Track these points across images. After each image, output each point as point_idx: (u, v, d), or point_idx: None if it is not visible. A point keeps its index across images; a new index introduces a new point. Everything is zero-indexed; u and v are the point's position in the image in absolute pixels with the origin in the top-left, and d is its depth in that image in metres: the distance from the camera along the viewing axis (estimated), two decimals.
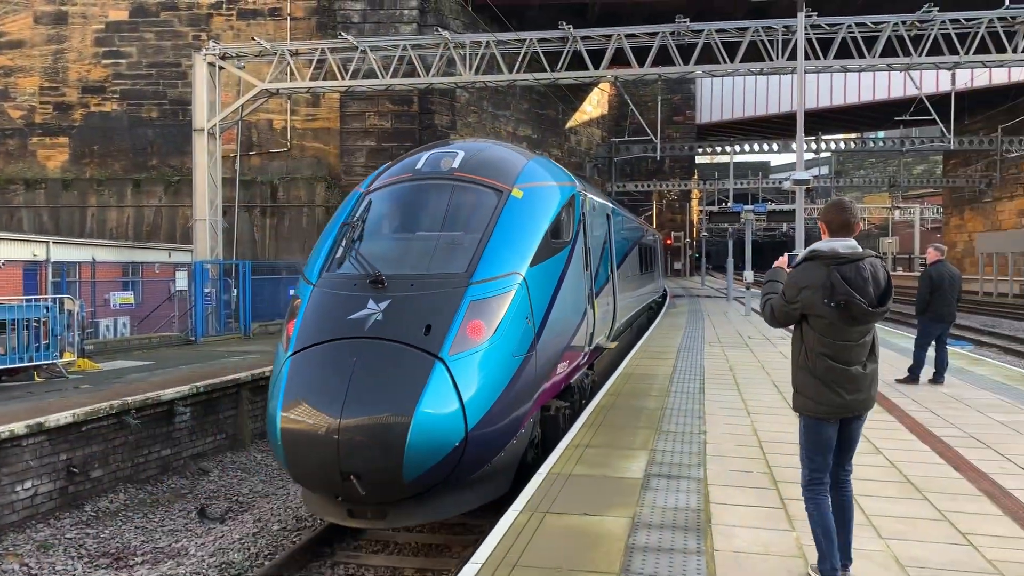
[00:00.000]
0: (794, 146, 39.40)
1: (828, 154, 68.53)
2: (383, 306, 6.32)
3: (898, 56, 20.94)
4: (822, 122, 55.74)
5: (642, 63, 21.75)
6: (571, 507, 5.67)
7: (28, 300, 11.90)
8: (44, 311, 11.86)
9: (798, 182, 18.92)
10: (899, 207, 71.74)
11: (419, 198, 7.41)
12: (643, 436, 7.78)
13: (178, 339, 16.92)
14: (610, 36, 21.24)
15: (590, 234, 9.62)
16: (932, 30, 20.61)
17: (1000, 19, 20.53)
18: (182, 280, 17.55)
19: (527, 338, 6.84)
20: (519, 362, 6.65)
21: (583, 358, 9.12)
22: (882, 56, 21.07)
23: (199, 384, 11.31)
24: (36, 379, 11.76)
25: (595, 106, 47.82)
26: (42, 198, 29.72)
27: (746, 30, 21.05)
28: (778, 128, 58.26)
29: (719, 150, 53.11)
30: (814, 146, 46.45)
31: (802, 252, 4.52)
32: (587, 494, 5.96)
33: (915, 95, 38.78)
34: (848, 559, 4.50)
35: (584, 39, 21.32)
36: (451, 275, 6.62)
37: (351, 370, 5.85)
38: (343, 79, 22.20)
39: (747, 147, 50.52)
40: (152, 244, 25.56)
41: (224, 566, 7.65)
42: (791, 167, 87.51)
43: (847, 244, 4.40)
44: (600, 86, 47.25)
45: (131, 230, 29.22)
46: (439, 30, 22.26)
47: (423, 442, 5.77)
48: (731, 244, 36.79)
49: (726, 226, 53.86)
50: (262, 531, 8.56)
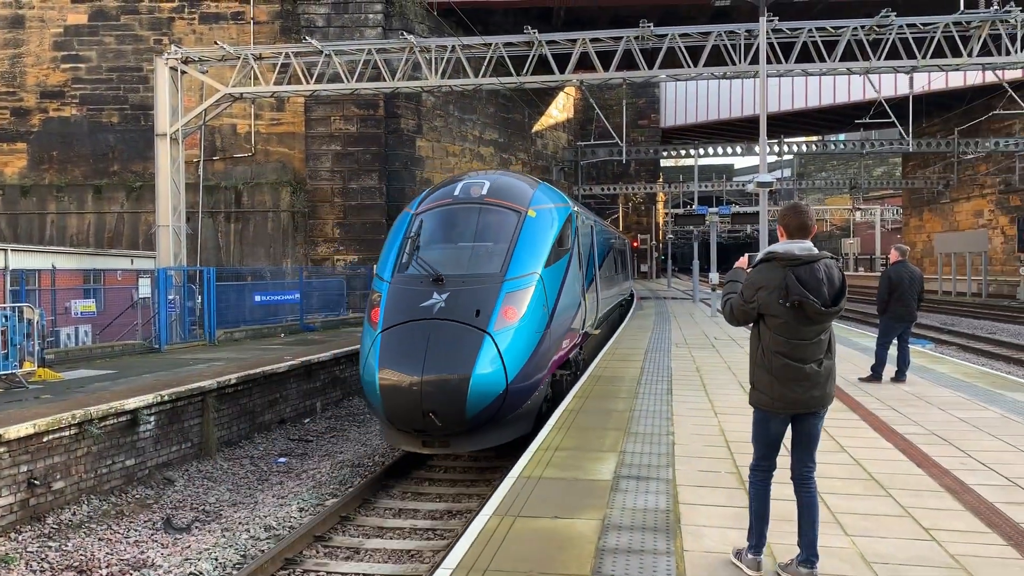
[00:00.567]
0: (757, 149, 39.92)
1: (790, 157, 69.40)
2: (444, 297, 9.50)
3: (857, 60, 21.29)
4: (784, 125, 56.49)
5: (607, 67, 21.91)
6: (542, 510, 5.68)
7: None
8: (3, 320, 11.61)
9: (761, 184, 19.15)
10: (860, 208, 72.88)
11: (459, 218, 10.76)
12: (612, 438, 7.82)
13: (141, 347, 16.67)
14: (575, 40, 21.33)
15: (581, 243, 12.85)
16: (890, 34, 20.98)
17: (955, 24, 20.96)
18: (145, 287, 17.30)
19: (544, 320, 10.06)
20: (539, 337, 9.87)
21: (578, 338, 12.42)
22: (842, 60, 21.41)
23: (163, 393, 11.15)
24: None
25: (561, 110, 47.98)
26: (0, 205, 29.12)
27: (709, 34, 21.26)
28: (742, 131, 58.91)
29: (684, 153, 53.56)
30: (777, 149, 47.04)
31: (760, 254, 4.64)
32: (557, 497, 5.98)
33: (874, 98, 39.50)
34: (815, 555, 4.55)
35: (549, 43, 21.39)
36: (490, 274, 9.90)
37: (427, 341, 9.01)
38: (308, 83, 22.05)
39: (711, 150, 51.02)
40: (114, 251, 25.10)
41: None
42: (754, 170, 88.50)
43: (803, 246, 4.50)
44: (566, 90, 47.40)
45: (92, 237, 28.73)
46: (404, 34, 22.20)
47: (479, 390, 8.87)
48: (696, 246, 37.09)
49: (691, 228, 54.39)
50: (230, 541, 8.46)
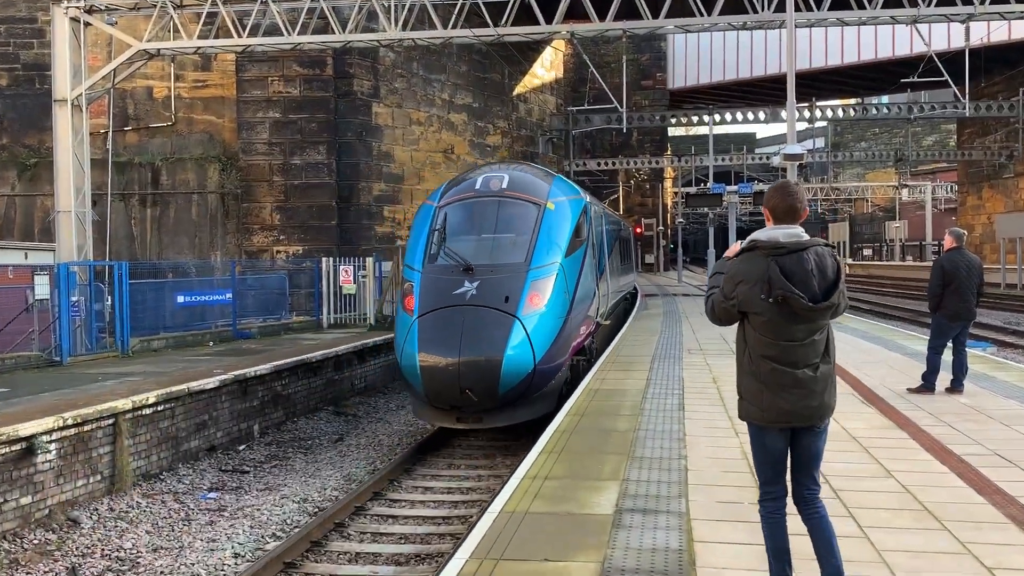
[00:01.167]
0: (784, 114, 40.03)
1: (824, 124, 69.93)
2: (475, 285, 12.51)
3: (903, 7, 21.39)
4: (816, 86, 56.81)
5: (603, 16, 21.83)
6: (529, 552, 5.69)
7: None
8: None
9: (789, 157, 19.26)
10: (907, 185, 73.49)
11: (482, 210, 13.88)
12: (613, 464, 7.85)
13: (39, 359, 16.54)
14: None
15: (594, 233, 16.04)
16: None
17: None
18: (43, 287, 17.16)
19: (566, 306, 13.09)
20: (562, 322, 12.83)
21: (592, 326, 15.48)
22: (885, 7, 21.51)
23: (67, 415, 11.07)
24: None
25: (548, 69, 48.03)
26: None
27: None
28: (765, 94, 59.24)
29: (696, 120, 53.76)
30: (807, 114, 47.34)
31: (743, 243, 4.76)
32: (548, 535, 5.99)
33: (924, 53, 39.66)
34: None
35: None
36: (516, 263, 12.98)
37: (461, 325, 12.02)
38: (240, 37, 21.90)
39: (729, 116, 51.26)
40: (3, 243, 24.85)
41: None
42: (780, 139, 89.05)
43: (789, 232, 4.64)
44: (554, 45, 47.45)
45: None
46: None
47: (510, 369, 11.87)
48: (712, 232, 37.29)
49: (706, 210, 54.52)
50: None
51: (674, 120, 53.64)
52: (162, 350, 19.17)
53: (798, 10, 21.17)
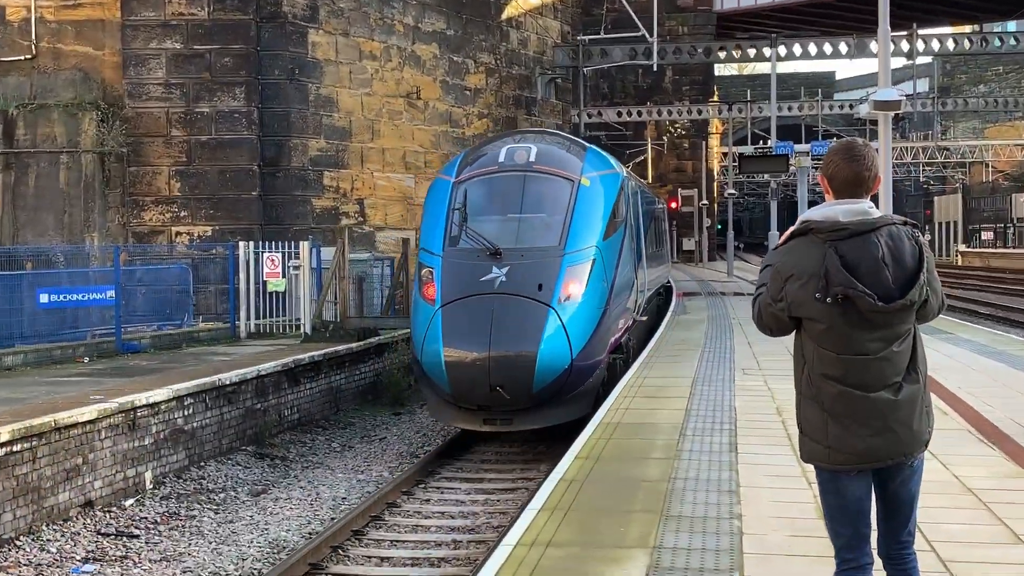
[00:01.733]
0: (873, 46, 39.67)
1: (928, 60, 70.01)
2: (504, 271, 14.82)
3: None
4: (920, 7, 56.81)
5: None
6: None
7: None
8: None
9: (881, 105, 19.28)
10: None
11: (508, 187, 16.29)
12: (640, 525, 7.86)
13: None
14: None
15: (632, 213, 18.65)
16: None
17: None
18: None
19: (605, 295, 15.57)
20: (600, 313, 15.33)
21: (630, 321, 18.20)
22: None
23: None
24: None
25: None
26: None
27: None
28: (847, 17, 59.23)
29: (752, 54, 53.75)
30: (906, 46, 47.35)
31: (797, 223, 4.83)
32: None
33: None
34: None
35: None
36: (549, 247, 15.39)
37: (491, 316, 14.25)
38: None
39: (798, 49, 51.25)
40: None
41: None
42: (868, 81, 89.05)
43: (853, 209, 4.73)
44: None
45: None
46: None
47: (545, 365, 14.12)
48: (775, 208, 37.27)
49: (766, 178, 54.33)
50: None
51: (723, 54, 53.54)
52: (18, 368, 19.10)
53: None
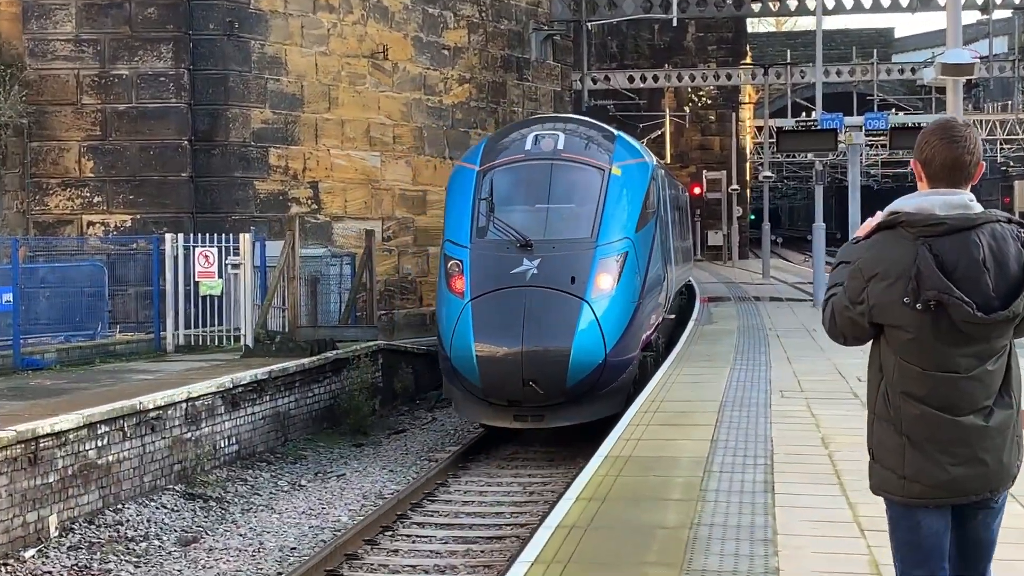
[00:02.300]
0: None
1: (1008, 14, 70.01)
2: (536, 263, 17.86)
3: None
4: None
5: None
6: None
7: None
8: None
9: (951, 69, 19.28)
10: None
11: (537, 176, 19.03)
12: None
13: None
14: None
15: (662, 204, 21.86)
16: None
17: None
18: None
19: (638, 289, 18.73)
20: (634, 307, 18.54)
21: (660, 317, 20.98)
22: None
23: None
24: None
25: None
26: None
27: None
28: None
29: (793, 6, 53.83)
30: None
31: (881, 214, 4.95)
32: None
33: None
34: None
35: None
36: (581, 239, 18.53)
37: (523, 309, 17.45)
38: None
39: (847, 0, 51.33)
40: None
41: None
42: (935, 39, 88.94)
43: (952, 200, 4.84)
44: None
45: None
46: None
47: (579, 359, 17.45)
48: (820, 195, 37.14)
49: (810, 158, 53.95)
50: None
51: (757, 5, 53.55)
52: None
53: None
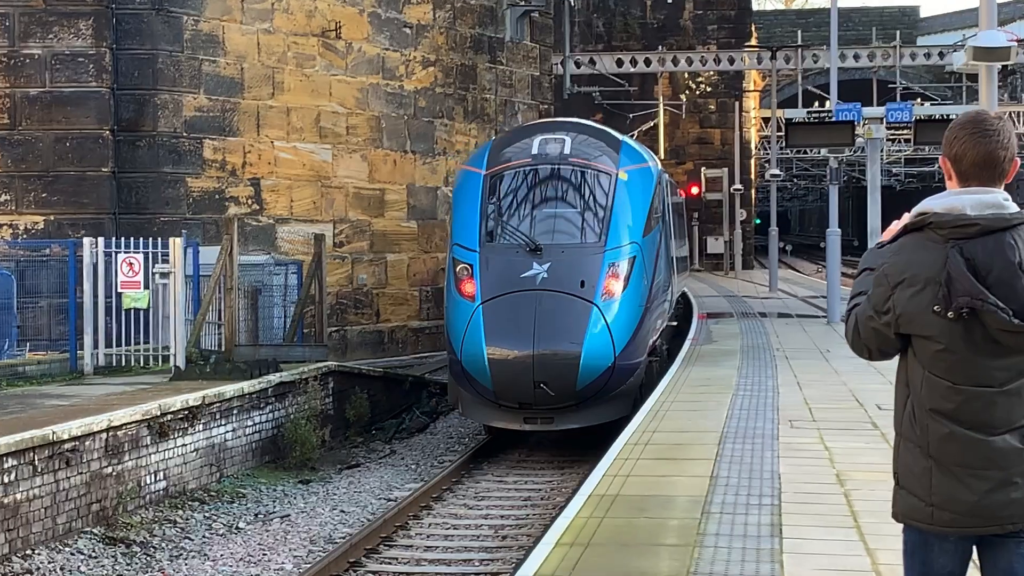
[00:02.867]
0: None
1: None
2: (546, 267, 21.42)
3: None
4: None
5: None
6: None
7: None
8: None
9: (983, 53, 19.32)
10: None
11: (545, 180, 23.12)
12: None
13: None
14: None
15: (666, 209, 26.37)
16: None
17: None
18: None
19: (646, 293, 22.65)
20: (642, 311, 22.39)
21: (664, 323, 25.24)
22: None
23: None
24: None
25: None
26: None
27: None
28: None
29: None
30: None
31: (910, 215, 5.12)
32: None
33: None
34: None
35: None
36: (590, 244, 22.43)
37: (534, 312, 20.96)
38: None
39: None
40: None
41: None
42: (966, 19, 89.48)
43: (985, 200, 4.95)
44: None
45: None
46: None
47: (589, 362, 21.01)
48: (835, 196, 37.28)
49: (823, 154, 53.94)
50: None
51: None
52: None
53: None
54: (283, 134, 33.31)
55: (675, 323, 28.91)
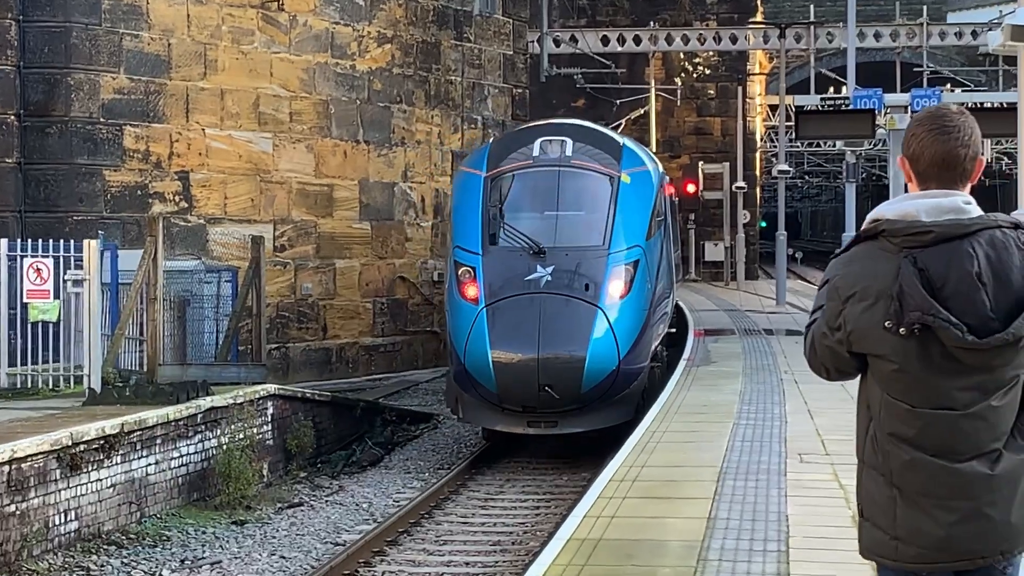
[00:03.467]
0: None
1: None
2: (549, 270, 25.27)
3: None
4: None
5: None
6: None
7: None
8: None
9: (1021, 33, 19.33)
10: None
11: (546, 183, 27.06)
12: None
13: None
14: None
15: (669, 212, 33.79)
16: None
17: None
18: None
19: (649, 297, 26.89)
20: (645, 315, 26.50)
21: (666, 328, 30.68)
22: None
23: None
24: None
25: None
26: None
27: None
28: None
29: None
30: None
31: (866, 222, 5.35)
32: None
33: None
34: None
35: None
36: (594, 247, 26.20)
37: (538, 316, 24.84)
38: None
39: None
40: None
41: None
42: None
43: (941, 204, 5.14)
44: None
45: None
46: None
47: (594, 365, 24.77)
48: (852, 196, 37.41)
49: (839, 147, 53.82)
50: None
51: None
52: None
53: None
54: (216, 120, 33.31)
55: (674, 329, 32.54)
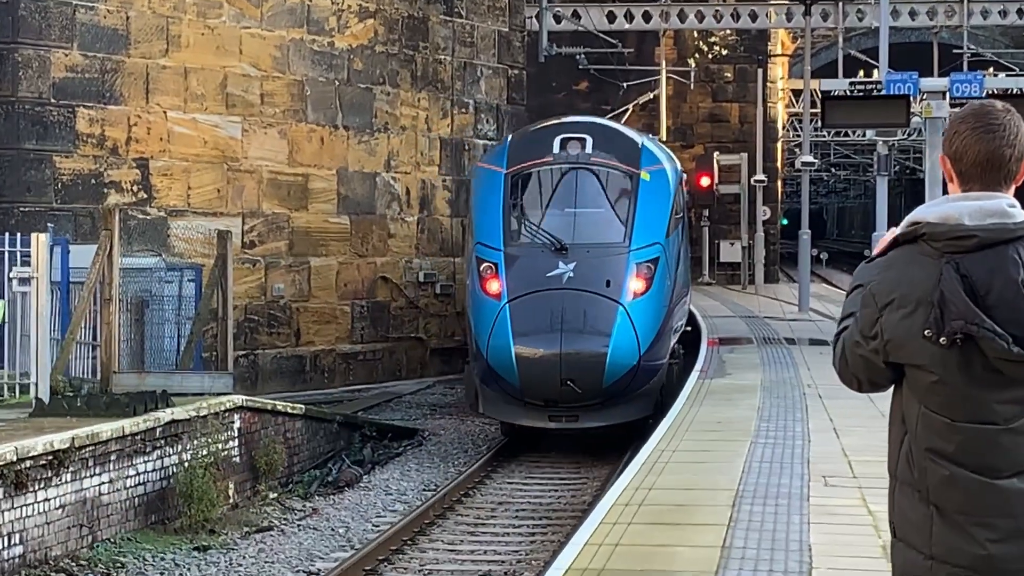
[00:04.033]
0: None
1: None
2: (571, 267, 29.46)
3: None
4: None
5: None
6: None
7: None
8: None
9: None
10: None
11: (567, 180, 31.57)
12: None
13: None
14: None
15: (686, 209, 41.20)
16: None
17: None
18: None
19: (669, 294, 31.64)
20: (665, 312, 31.11)
21: (683, 325, 37.29)
22: None
23: None
24: None
25: None
26: None
27: None
28: None
29: None
30: None
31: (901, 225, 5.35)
32: None
33: None
34: None
35: None
36: (615, 244, 30.80)
37: (561, 311, 28.94)
38: None
39: None
40: None
41: None
42: None
43: (986, 207, 5.14)
44: None
45: None
46: None
47: (616, 360, 28.97)
48: (884, 191, 37.44)
49: (870, 138, 53.58)
50: None
51: None
52: None
53: None
54: (179, 102, 33.26)
55: (689, 328, 37.09)
